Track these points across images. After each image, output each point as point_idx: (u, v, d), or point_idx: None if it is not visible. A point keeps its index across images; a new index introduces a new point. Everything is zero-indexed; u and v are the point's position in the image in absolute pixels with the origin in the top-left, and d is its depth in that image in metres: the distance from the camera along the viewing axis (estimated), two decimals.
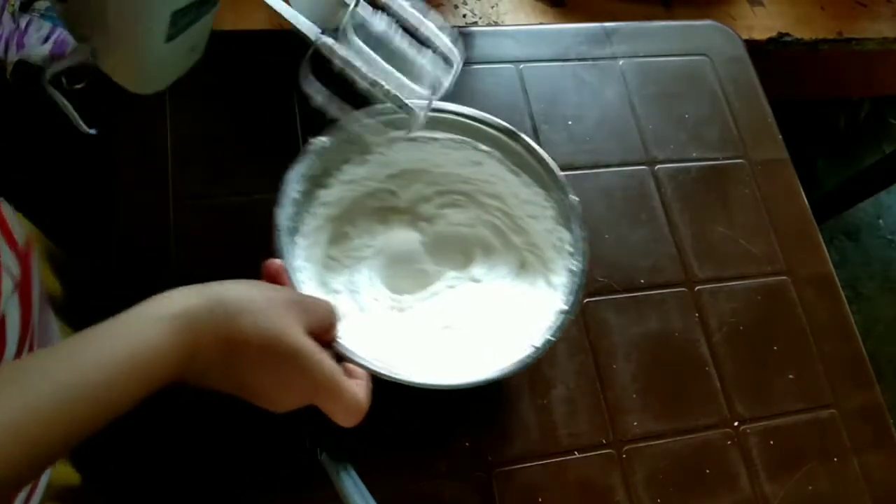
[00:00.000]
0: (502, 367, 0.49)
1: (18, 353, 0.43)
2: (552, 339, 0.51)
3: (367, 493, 0.50)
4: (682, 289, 0.67)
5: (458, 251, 0.62)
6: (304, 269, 0.52)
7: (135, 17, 0.45)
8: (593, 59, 0.77)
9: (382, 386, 0.47)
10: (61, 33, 0.82)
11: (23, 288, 0.44)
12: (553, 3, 0.96)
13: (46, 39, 0.82)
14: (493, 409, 0.58)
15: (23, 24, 0.82)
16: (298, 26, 0.52)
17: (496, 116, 0.71)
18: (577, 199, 0.56)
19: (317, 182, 0.55)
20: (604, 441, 0.59)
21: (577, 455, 0.58)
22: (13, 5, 0.83)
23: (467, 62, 0.58)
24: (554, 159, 0.70)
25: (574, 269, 0.54)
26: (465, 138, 0.58)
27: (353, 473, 0.51)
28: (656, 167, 0.72)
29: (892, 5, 1.08)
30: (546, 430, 0.59)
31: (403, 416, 0.56)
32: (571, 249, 0.55)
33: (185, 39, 0.49)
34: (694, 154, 0.74)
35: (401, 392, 0.47)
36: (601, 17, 0.92)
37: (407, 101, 0.52)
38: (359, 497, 0.49)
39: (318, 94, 0.51)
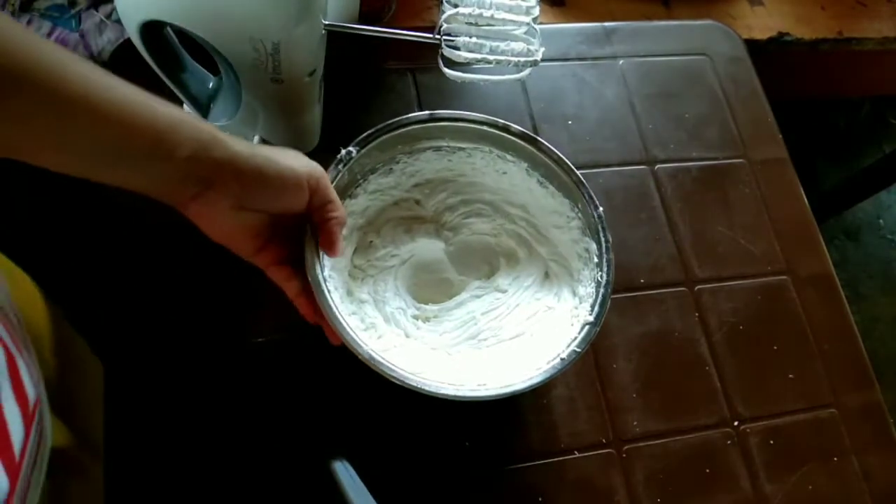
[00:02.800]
0: (529, 378, 0.49)
1: None
2: (579, 350, 0.50)
3: (367, 493, 0.50)
4: (682, 288, 0.67)
5: (483, 261, 0.62)
6: (331, 278, 0.52)
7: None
8: (593, 58, 0.77)
9: (391, 389, 0.47)
10: (61, 32, 0.82)
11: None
12: (553, 3, 0.96)
13: (46, 39, 0.82)
14: (494, 409, 0.58)
15: (23, 23, 0.82)
16: None
17: (496, 116, 0.71)
18: (602, 209, 0.55)
19: (343, 192, 0.55)
20: (604, 441, 0.59)
21: (577, 455, 0.58)
22: (13, 5, 0.83)
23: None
24: None
25: (600, 279, 0.53)
26: (491, 148, 0.58)
27: (353, 473, 0.51)
28: (656, 167, 0.72)
29: (892, 5, 1.08)
30: (546, 430, 0.59)
31: (404, 416, 0.56)
32: (597, 260, 0.54)
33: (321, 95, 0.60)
34: (694, 154, 0.74)
35: (403, 394, 0.47)
36: (601, 17, 0.92)
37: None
38: (359, 497, 0.49)
39: None
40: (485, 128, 0.57)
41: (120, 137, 0.36)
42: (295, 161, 0.44)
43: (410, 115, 0.55)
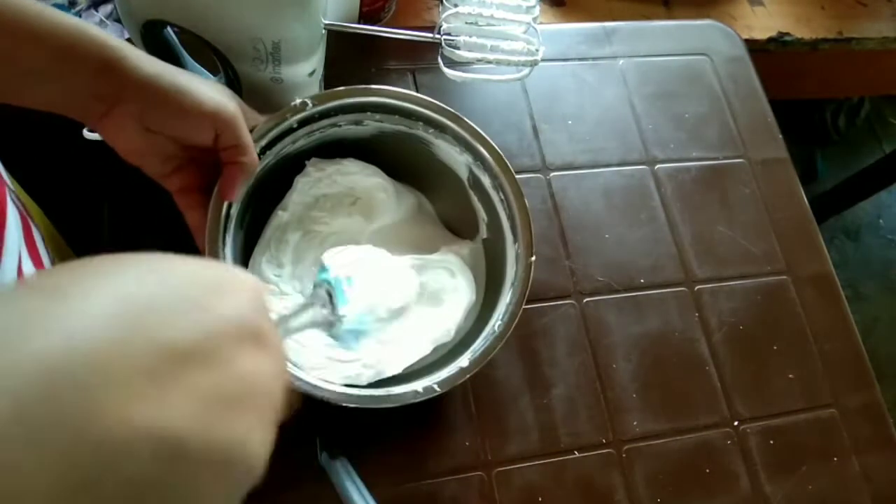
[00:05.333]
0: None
1: None
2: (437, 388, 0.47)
3: (366, 493, 0.50)
4: (682, 288, 0.67)
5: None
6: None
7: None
8: (593, 58, 0.77)
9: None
10: None
11: None
12: (553, 3, 0.96)
13: None
14: (493, 409, 0.58)
15: None
16: None
17: (496, 116, 0.71)
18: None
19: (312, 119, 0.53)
20: (604, 441, 0.59)
21: (577, 455, 0.58)
22: None
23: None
24: (554, 159, 0.70)
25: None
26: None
27: (353, 473, 0.51)
28: (656, 167, 0.72)
29: (892, 5, 1.08)
30: (546, 429, 0.59)
31: (403, 416, 0.56)
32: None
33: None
34: (694, 154, 0.74)
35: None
36: (601, 17, 0.92)
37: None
38: (358, 496, 0.49)
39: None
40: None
41: (24, 51, 0.36)
42: (207, 95, 0.42)
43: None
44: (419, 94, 0.54)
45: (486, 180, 0.55)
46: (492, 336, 0.49)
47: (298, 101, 0.51)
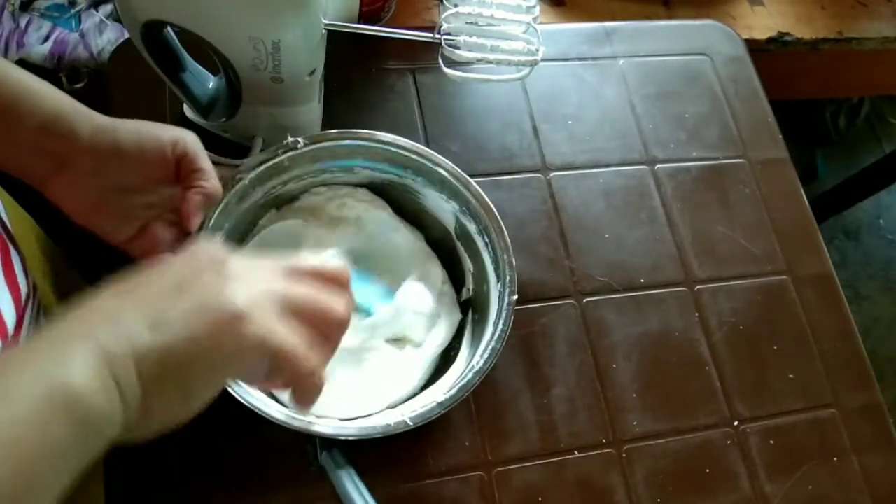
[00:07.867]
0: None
1: None
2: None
3: (367, 493, 0.50)
4: (682, 288, 0.67)
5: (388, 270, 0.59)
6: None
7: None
8: (593, 58, 0.77)
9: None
10: (61, 32, 0.82)
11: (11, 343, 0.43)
12: (553, 3, 0.96)
13: (46, 39, 0.82)
14: (493, 409, 0.58)
15: (23, 23, 0.82)
16: None
17: (496, 116, 0.71)
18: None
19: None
20: (604, 441, 0.59)
21: (577, 455, 0.58)
22: (13, 5, 0.83)
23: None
24: (554, 159, 0.70)
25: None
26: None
27: (353, 473, 0.51)
28: (656, 167, 0.72)
29: (892, 5, 1.08)
30: (546, 429, 0.59)
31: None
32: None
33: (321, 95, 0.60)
34: (694, 154, 0.74)
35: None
36: (601, 17, 0.92)
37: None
38: (358, 496, 0.49)
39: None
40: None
41: None
42: (162, 128, 0.42)
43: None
44: (406, 140, 0.55)
45: (471, 227, 0.56)
46: (470, 371, 0.50)
47: (290, 139, 0.52)
